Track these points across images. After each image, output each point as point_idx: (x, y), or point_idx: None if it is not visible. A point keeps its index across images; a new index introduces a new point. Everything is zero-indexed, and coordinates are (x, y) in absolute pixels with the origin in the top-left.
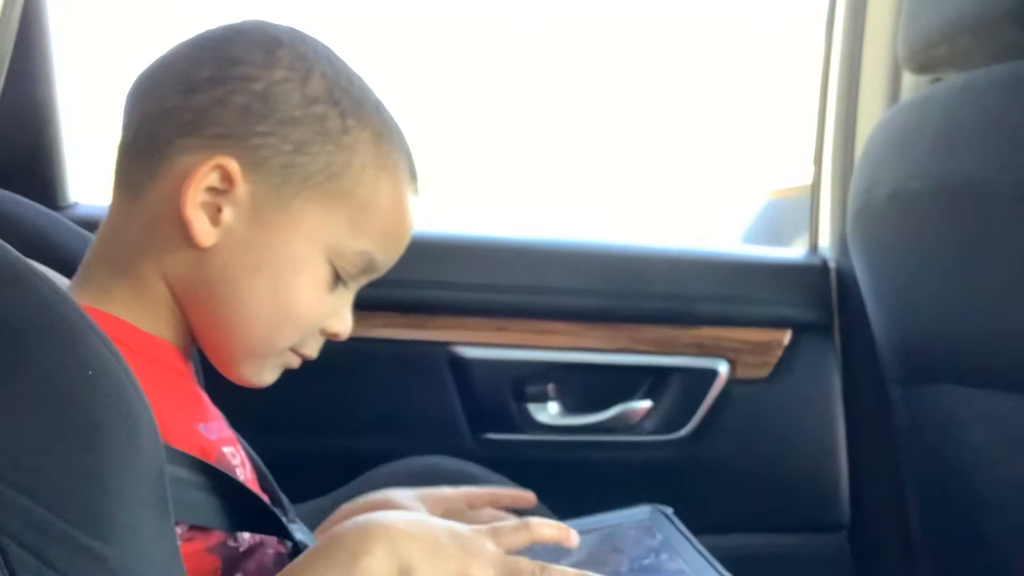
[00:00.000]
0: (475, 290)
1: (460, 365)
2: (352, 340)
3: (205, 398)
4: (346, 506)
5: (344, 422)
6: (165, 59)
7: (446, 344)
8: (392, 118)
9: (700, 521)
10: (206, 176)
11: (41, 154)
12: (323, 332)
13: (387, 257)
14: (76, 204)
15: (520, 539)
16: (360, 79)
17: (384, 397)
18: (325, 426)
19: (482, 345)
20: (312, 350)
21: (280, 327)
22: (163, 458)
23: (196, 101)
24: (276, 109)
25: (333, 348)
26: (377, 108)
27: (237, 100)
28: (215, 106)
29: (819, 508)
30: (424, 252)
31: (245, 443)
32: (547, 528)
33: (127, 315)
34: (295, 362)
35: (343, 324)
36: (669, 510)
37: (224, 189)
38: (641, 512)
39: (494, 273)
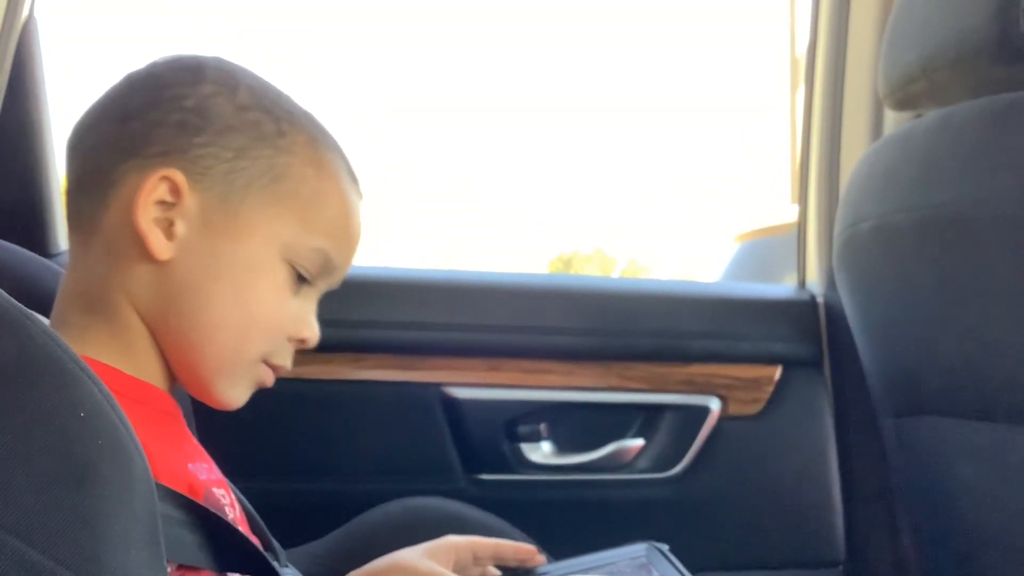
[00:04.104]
0: (466, 330)
1: (452, 405)
2: (344, 382)
3: (194, 440)
4: (356, 572)
5: (337, 465)
6: (97, 103)
7: (438, 385)
8: (323, 125)
9: (695, 559)
10: (154, 189)
11: (32, 202)
12: (291, 340)
13: (342, 256)
14: (66, 251)
15: None
16: (287, 95)
17: (377, 439)
18: (318, 469)
19: (474, 385)
20: (285, 359)
21: (247, 333)
22: (156, 499)
23: (133, 127)
24: (211, 120)
25: (326, 390)
26: (307, 117)
27: (173, 118)
28: (153, 127)
29: (814, 544)
30: (414, 293)
31: (235, 488)
32: None
33: (107, 358)
34: (269, 377)
35: (310, 329)
36: (665, 547)
37: (173, 202)
38: (637, 549)
39: (485, 313)
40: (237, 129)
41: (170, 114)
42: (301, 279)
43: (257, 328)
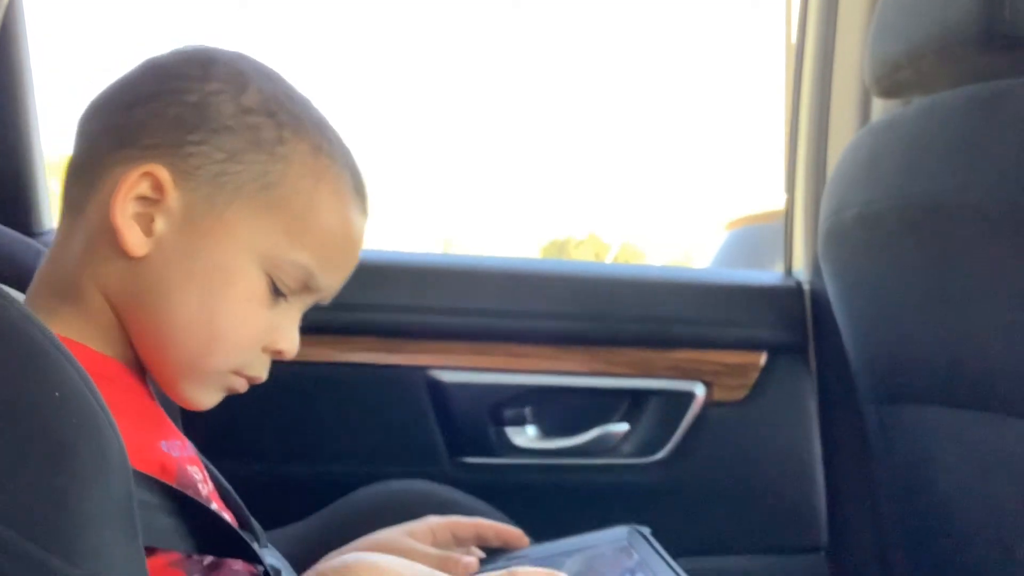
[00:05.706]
0: (452, 314)
1: (438, 389)
2: (330, 364)
3: (165, 416)
4: (333, 554)
5: (321, 447)
6: (115, 83)
7: (424, 368)
8: (336, 136)
9: (678, 543)
10: (136, 184)
11: (16, 180)
12: (266, 350)
13: (328, 275)
14: (51, 231)
15: None
16: (303, 98)
17: (362, 421)
18: (302, 451)
19: (460, 369)
20: (258, 371)
21: (212, 346)
22: (131, 478)
23: (135, 115)
24: (209, 119)
25: (311, 372)
26: (318, 125)
27: (171, 111)
28: (151, 118)
29: (797, 529)
30: (401, 276)
31: (210, 465)
32: None
33: (75, 335)
34: (241, 386)
35: (287, 341)
36: (647, 530)
37: (156, 199)
38: (618, 533)
39: (471, 297)
40: (234, 131)
41: (169, 107)
42: (279, 292)
43: (223, 342)
